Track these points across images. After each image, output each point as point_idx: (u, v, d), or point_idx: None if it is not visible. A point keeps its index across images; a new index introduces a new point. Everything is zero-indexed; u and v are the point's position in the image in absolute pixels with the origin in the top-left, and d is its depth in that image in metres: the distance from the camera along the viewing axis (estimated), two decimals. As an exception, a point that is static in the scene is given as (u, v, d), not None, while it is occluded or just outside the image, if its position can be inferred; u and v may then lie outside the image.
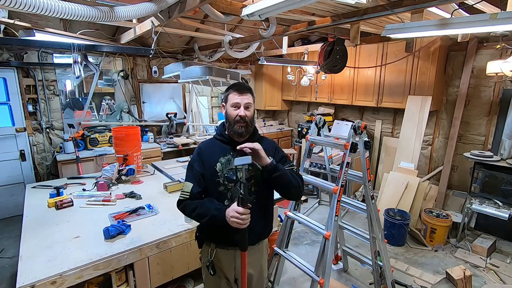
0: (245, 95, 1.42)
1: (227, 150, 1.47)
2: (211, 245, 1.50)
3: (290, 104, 6.33)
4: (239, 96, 1.41)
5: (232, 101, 1.41)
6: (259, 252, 1.59)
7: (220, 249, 1.49)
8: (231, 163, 1.44)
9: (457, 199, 3.82)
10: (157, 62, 4.64)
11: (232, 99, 1.42)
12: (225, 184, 1.44)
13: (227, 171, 1.44)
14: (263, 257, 1.64)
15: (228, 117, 1.44)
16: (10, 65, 3.61)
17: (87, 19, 1.78)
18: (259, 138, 1.54)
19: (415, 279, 2.73)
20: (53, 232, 1.87)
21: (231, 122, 1.42)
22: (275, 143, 1.62)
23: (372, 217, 2.12)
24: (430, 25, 1.92)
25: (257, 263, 1.58)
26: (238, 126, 1.40)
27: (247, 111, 1.42)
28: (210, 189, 1.45)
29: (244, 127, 1.41)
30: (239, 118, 1.40)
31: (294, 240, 3.34)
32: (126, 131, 3.20)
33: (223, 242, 1.48)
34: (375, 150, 4.73)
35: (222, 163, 1.44)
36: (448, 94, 3.95)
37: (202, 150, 1.49)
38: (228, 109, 1.44)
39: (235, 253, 1.49)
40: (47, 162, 4.03)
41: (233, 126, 1.41)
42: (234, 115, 1.40)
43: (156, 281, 1.86)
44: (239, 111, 1.40)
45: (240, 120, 1.40)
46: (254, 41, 3.59)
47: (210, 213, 1.36)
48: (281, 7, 1.84)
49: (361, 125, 1.89)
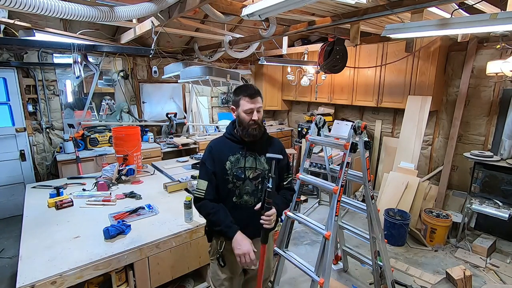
0: (257, 100, 1.50)
1: (237, 149, 1.54)
2: (221, 238, 1.56)
3: (290, 104, 6.33)
4: (251, 102, 1.49)
5: (246, 108, 1.48)
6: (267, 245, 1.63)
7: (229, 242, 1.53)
8: (240, 161, 1.52)
9: (457, 199, 3.82)
10: (157, 62, 4.64)
11: (245, 105, 1.49)
12: (234, 182, 1.52)
13: (236, 169, 1.51)
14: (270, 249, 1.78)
15: (241, 121, 1.51)
16: (10, 65, 3.61)
17: (87, 19, 1.78)
18: (268, 137, 1.64)
19: (415, 279, 2.73)
20: (53, 232, 1.88)
21: (245, 126, 1.49)
22: (282, 147, 1.69)
23: (372, 217, 2.12)
24: (430, 25, 1.92)
25: (264, 254, 1.61)
26: (252, 129, 1.49)
27: (258, 114, 1.50)
28: (220, 186, 1.52)
29: (257, 129, 1.51)
30: (253, 122, 1.48)
31: (294, 240, 3.34)
32: (126, 131, 3.21)
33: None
34: (375, 150, 4.73)
35: (231, 162, 1.52)
36: (448, 94, 3.95)
37: (212, 148, 1.56)
38: (241, 114, 1.51)
39: None
40: (47, 162, 4.03)
41: (247, 130, 1.49)
42: (248, 119, 1.49)
43: (156, 281, 1.86)
44: (253, 116, 1.48)
45: (254, 124, 1.49)
46: (254, 41, 3.59)
47: (222, 227, 1.47)
48: (281, 7, 1.84)
49: (361, 125, 1.89)
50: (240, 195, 1.53)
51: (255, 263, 1.47)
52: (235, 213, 1.52)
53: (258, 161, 1.55)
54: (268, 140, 1.63)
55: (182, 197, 2.14)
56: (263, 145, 1.58)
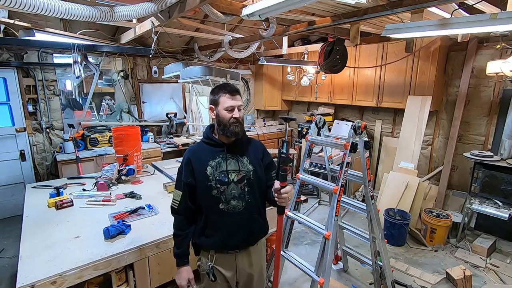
0: (237, 97, 1.46)
1: (217, 153, 1.48)
2: (210, 251, 1.51)
3: (290, 104, 6.33)
4: (232, 99, 1.44)
5: (226, 105, 1.43)
6: (259, 252, 1.62)
7: (220, 254, 1.50)
8: (221, 165, 1.45)
9: (457, 199, 3.82)
10: (157, 62, 4.64)
11: (225, 102, 1.43)
12: (218, 187, 1.44)
13: (218, 173, 1.44)
14: (262, 257, 1.67)
15: (221, 120, 1.44)
16: (10, 65, 3.61)
17: (87, 19, 1.78)
18: (248, 138, 1.58)
19: (415, 279, 2.73)
20: (53, 232, 1.87)
21: (226, 124, 1.43)
22: (264, 146, 1.65)
23: (372, 217, 2.12)
24: (430, 25, 1.92)
25: (258, 263, 1.60)
26: (234, 126, 1.43)
27: (240, 112, 1.46)
28: (204, 194, 1.45)
29: (239, 126, 1.45)
30: (234, 120, 1.43)
31: (294, 240, 3.34)
32: (126, 131, 3.20)
33: (222, 246, 1.49)
34: (375, 150, 4.73)
35: (212, 166, 1.45)
36: (448, 94, 3.95)
37: (190, 158, 1.48)
38: (221, 112, 1.44)
39: (236, 256, 1.51)
40: (47, 162, 4.03)
41: (228, 127, 1.43)
42: (228, 117, 1.43)
43: (156, 281, 1.86)
44: (234, 113, 1.43)
45: (235, 122, 1.43)
46: (254, 41, 3.59)
47: (178, 251, 1.52)
48: (281, 7, 1.83)
49: (361, 125, 1.89)
50: (227, 200, 1.45)
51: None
52: (223, 221, 1.46)
53: (241, 163, 1.48)
54: (248, 141, 1.57)
55: (182, 197, 2.13)
56: (243, 146, 1.52)
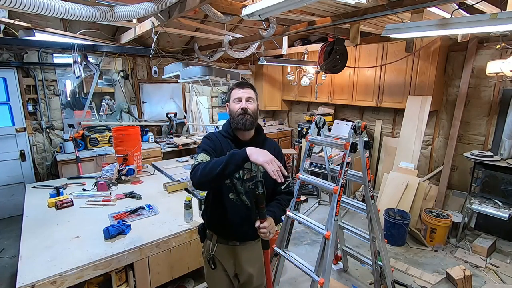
0: (246, 89, 1.47)
1: (230, 147, 1.49)
2: (213, 239, 1.54)
3: (290, 104, 6.33)
4: (240, 90, 1.46)
5: (235, 96, 1.46)
6: (259, 249, 1.61)
7: (221, 244, 1.53)
8: None
9: (457, 199, 3.82)
10: (157, 62, 4.64)
11: (234, 94, 1.47)
12: (231, 178, 1.46)
13: None
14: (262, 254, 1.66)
15: (231, 112, 1.48)
16: (10, 65, 3.61)
17: (87, 19, 1.78)
18: (264, 139, 1.58)
19: (415, 279, 2.73)
20: (53, 232, 1.87)
21: (234, 115, 1.45)
22: (279, 148, 1.63)
23: (372, 217, 2.12)
24: (430, 25, 1.92)
25: (257, 260, 1.61)
26: (241, 117, 1.43)
27: (249, 103, 1.45)
28: None
29: (246, 118, 1.43)
30: (241, 110, 1.43)
31: (294, 240, 3.34)
32: (126, 131, 3.20)
33: (224, 235, 1.52)
34: (375, 150, 4.73)
35: None
36: (448, 94, 3.95)
37: (211, 138, 1.49)
38: (231, 105, 1.48)
39: (235, 248, 1.54)
40: (47, 162, 4.03)
41: (236, 118, 1.45)
42: (236, 108, 1.45)
43: (156, 281, 1.86)
44: (241, 104, 1.44)
45: (243, 112, 1.43)
46: (254, 41, 3.58)
47: (227, 158, 1.26)
48: (281, 7, 1.83)
49: (361, 125, 1.89)
50: (237, 192, 1.47)
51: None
52: (231, 211, 1.48)
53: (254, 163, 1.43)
54: (264, 142, 1.56)
55: (182, 197, 2.14)
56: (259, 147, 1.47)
